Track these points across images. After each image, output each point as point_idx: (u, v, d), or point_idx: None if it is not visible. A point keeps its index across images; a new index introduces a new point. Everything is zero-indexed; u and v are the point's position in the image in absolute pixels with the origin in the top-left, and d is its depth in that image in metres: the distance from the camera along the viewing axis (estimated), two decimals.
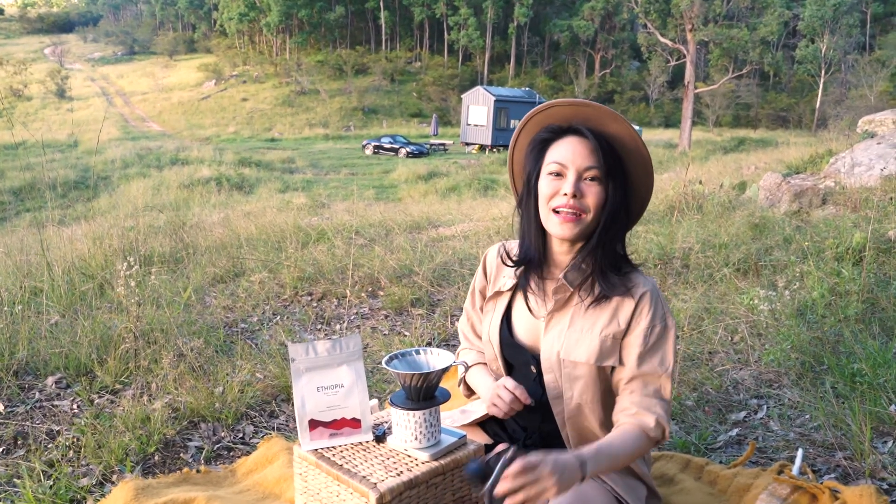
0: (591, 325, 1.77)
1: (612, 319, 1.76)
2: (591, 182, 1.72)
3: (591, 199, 1.72)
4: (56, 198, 11.72)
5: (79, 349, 3.44)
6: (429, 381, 1.65)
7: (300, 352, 1.73)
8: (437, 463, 1.63)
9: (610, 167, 1.73)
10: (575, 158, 1.72)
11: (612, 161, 1.73)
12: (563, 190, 1.72)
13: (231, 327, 4.28)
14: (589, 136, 1.72)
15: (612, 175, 1.74)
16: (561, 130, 1.77)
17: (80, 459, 2.57)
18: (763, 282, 4.73)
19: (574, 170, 1.71)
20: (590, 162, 1.71)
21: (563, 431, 1.82)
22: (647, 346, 1.74)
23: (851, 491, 2.02)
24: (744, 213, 7.11)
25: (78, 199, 16.71)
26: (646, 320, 1.75)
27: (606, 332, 1.75)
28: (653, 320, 1.76)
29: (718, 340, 3.77)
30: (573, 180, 1.71)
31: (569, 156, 1.72)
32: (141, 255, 5.40)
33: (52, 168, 24.34)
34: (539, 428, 1.90)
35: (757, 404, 3.08)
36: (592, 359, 1.74)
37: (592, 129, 1.74)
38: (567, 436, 1.82)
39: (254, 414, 3.04)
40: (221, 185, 21.73)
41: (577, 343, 1.76)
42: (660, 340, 1.76)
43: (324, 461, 1.65)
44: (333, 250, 6.03)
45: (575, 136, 1.74)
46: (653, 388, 1.73)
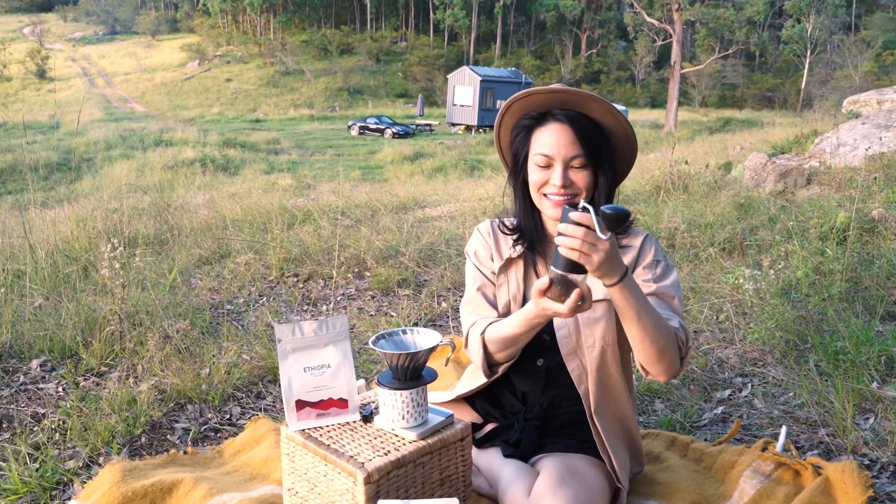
0: None
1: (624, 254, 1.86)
2: (579, 169, 1.76)
3: (581, 183, 1.77)
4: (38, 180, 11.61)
5: (63, 332, 3.42)
6: (416, 360, 1.65)
7: (286, 332, 1.72)
8: (425, 442, 1.63)
9: (594, 150, 1.76)
10: (559, 149, 1.74)
11: (595, 143, 1.76)
12: (553, 181, 1.76)
13: (217, 309, 4.27)
14: (569, 124, 1.75)
15: (598, 156, 1.77)
16: (542, 117, 1.79)
17: (67, 442, 2.56)
18: (748, 261, 4.76)
19: (560, 160, 1.75)
20: (573, 150, 1.74)
21: (582, 388, 1.84)
22: (654, 275, 1.82)
23: (834, 467, 2.05)
24: (729, 193, 7.13)
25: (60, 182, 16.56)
26: (650, 256, 1.85)
27: None
28: (656, 256, 1.85)
29: (704, 319, 3.79)
30: (561, 171, 1.75)
31: (553, 147, 1.75)
32: (125, 237, 5.36)
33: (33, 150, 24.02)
34: (540, 399, 1.91)
35: (742, 382, 3.11)
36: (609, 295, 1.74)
37: (572, 114, 1.76)
38: (587, 391, 1.84)
39: (240, 395, 3.04)
40: (206, 166, 21.57)
41: (591, 282, 1.76)
42: (666, 273, 1.84)
43: (311, 441, 1.65)
44: (319, 231, 6.01)
45: (556, 123, 1.76)
46: (668, 305, 1.79)
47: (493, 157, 24.56)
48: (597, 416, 1.83)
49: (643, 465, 2.06)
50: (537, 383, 1.91)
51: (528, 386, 1.93)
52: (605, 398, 1.85)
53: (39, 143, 26.44)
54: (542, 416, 1.90)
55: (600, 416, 1.83)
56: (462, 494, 1.72)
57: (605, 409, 1.85)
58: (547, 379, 1.89)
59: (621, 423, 1.90)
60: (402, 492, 1.59)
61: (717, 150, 15.74)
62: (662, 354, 1.66)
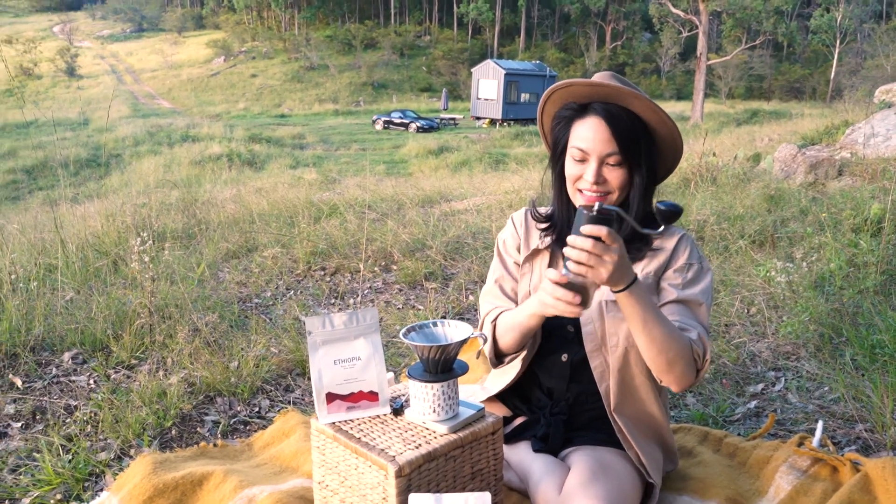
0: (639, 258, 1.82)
1: (652, 259, 1.81)
2: (614, 167, 1.73)
3: (615, 182, 1.74)
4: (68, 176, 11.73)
5: (94, 325, 3.45)
6: (447, 353, 1.63)
7: (317, 325, 1.71)
8: (456, 435, 1.61)
9: (631, 148, 1.72)
10: (595, 145, 1.71)
11: (633, 142, 1.73)
12: (586, 176, 1.74)
13: (245, 302, 4.29)
14: (607, 120, 1.71)
15: (634, 156, 1.74)
16: (582, 109, 1.76)
17: (98, 434, 2.58)
18: (779, 253, 4.69)
19: (595, 157, 1.72)
20: (610, 148, 1.71)
21: (603, 386, 1.81)
22: (685, 279, 1.78)
23: (873, 463, 2.00)
24: (759, 184, 7.05)
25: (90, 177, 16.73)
26: (684, 257, 1.80)
27: (647, 270, 1.80)
28: (690, 258, 1.80)
29: (735, 313, 3.74)
30: (595, 167, 1.72)
31: (589, 142, 1.72)
32: (154, 232, 5.40)
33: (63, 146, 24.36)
34: (566, 395, 1.88)
35: (775, 376, 3.05)
36: None
37: (612, 109, 1.72)
38: (607, 390, 1.81)
39: (269, 388, 3.05)
40: (232, 161, 21.74)
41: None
42: (698, 277, 1.79)
43: (342, 434, 1.64)
44: (346, 225, 6.01)
45: (595, 118, 1.73)
46: (692, 314, 1.75)
47: (517, 151, 24.49)
48: (617, 415, 1.80)
49: (676, 464, 2.02)
50: (562, 379, 1.89)
51: (554, 381, 1.91)
52: (626, 397, 1.81)
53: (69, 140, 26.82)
54: (568, 410, 1.88)
55: (620, 415, 1.80)
56: (493, 488, 1.70)
57: (626, 407, 1.82)
58: (572, 374, 1.87)
59: (646, 422, 1.85)
60: (434, 485, 1.58)
61: (746, 141, 15.55)
62: (671, 366, 1.65)
